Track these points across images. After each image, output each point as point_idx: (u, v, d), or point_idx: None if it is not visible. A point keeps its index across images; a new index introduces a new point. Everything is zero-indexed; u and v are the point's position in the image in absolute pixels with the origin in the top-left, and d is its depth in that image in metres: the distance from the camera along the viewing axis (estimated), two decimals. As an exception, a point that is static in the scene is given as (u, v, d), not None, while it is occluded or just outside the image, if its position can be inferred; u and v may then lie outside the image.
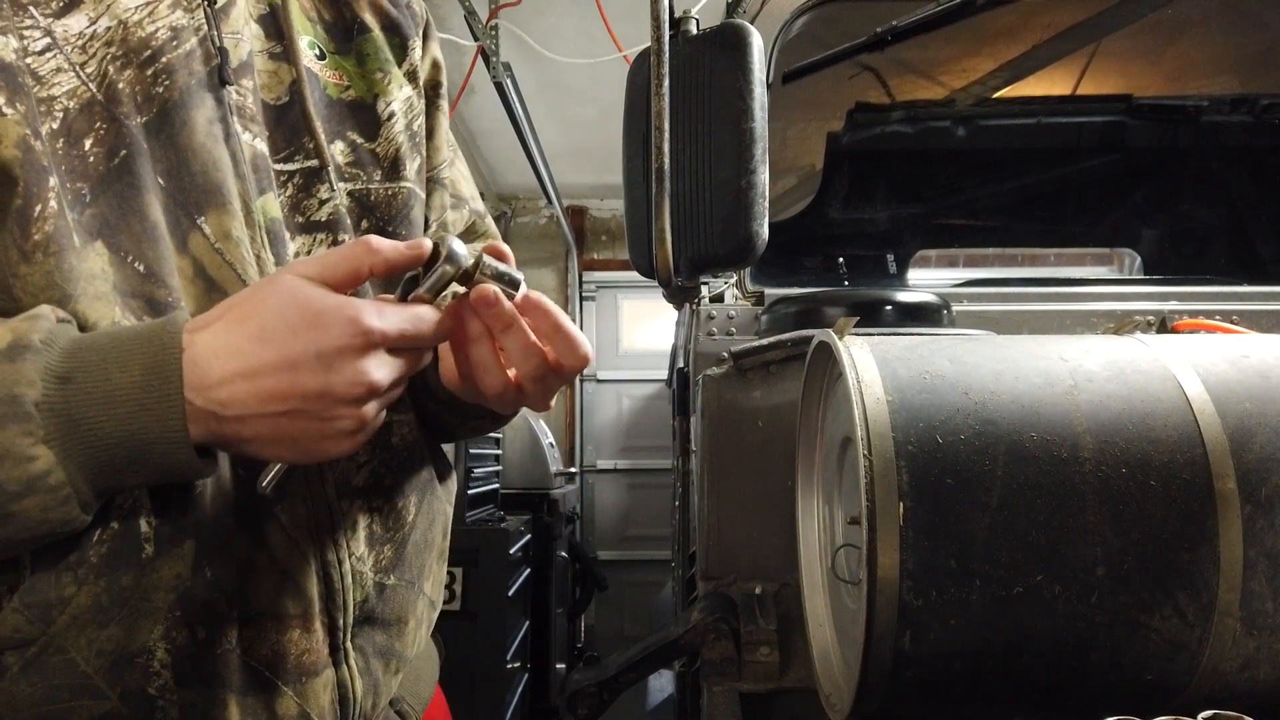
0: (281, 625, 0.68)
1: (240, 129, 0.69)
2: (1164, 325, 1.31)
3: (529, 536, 3.40)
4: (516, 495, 3.60)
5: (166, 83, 0.65)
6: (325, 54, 0.80)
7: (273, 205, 0.71)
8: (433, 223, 0.92)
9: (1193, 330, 1.23)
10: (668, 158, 1.10)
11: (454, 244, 0.62)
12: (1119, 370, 0.86)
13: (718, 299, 1.62)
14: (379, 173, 0.81)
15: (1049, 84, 1.86)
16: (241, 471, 0.66)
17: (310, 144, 0.75)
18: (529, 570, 3.40)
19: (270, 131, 0.73)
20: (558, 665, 3.74)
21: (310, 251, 0.74)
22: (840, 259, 1.84)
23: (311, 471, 0.71)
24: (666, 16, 1.10)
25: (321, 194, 0.76)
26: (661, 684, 3.11)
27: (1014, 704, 0.84)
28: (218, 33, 0.69)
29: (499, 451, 3.50)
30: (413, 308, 0.61)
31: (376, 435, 0.72)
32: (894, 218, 1.97)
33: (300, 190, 0.75)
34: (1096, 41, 1.80)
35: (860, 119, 1.90)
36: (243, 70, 0.70)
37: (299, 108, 0.75)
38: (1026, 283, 1.81)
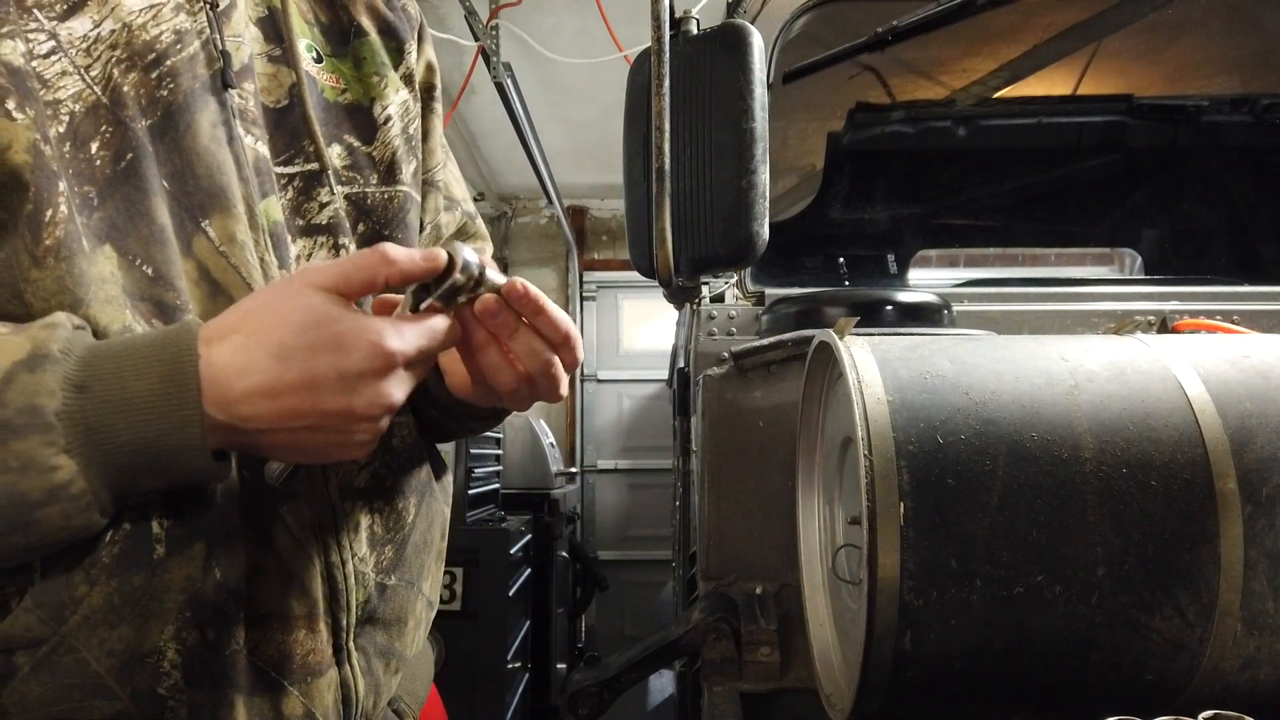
0: (287, 626, 0.68)
1: (242, 132, 0.69)
2: (1164, 325, 1.31)
3: (529, 536, 3.40)
4: (517, 495, 3.60)
5: (171, 86, 0.65)
6: (322, 57, 0.80)
7: (275, 208, 0.71)
8: (427, 225, 0.92)
9: (1193, 330, 1.23)
10: (668, 158, 1.10)
11: (466, 253, 0.62)
12: (1120, 370, 0.86)
13: (718, 299, 1.62)
14: (375, 176, 0.81)
15: (1049, 84, 1.86)
16: (247, 474, 0.67)
17: (310, 147, 0.75)
18: (530, 570, 3.40)
19: (270, 134, 0.73)
20: (558, 665, 3.74)
21: (311, 255, 0.75)
22: (841, 259, 1.84)
23: (315, 473, 0.71)
24: (667, 16, 1.10)
25: (322, 197, 0.76)
26: (662, 684, 3.11)
27: (1014, 704, 0.84)
28: (220, 36, 0.69)
29: (499, 452, 3.50)
30: (428, 321, 0.62)
31: None
32: (894, 218, 1.97)
33: (300, 193, 0.75)
34: (1097, 41, 1.80)
35: (861, 119, 1.90)
36: (244, 73, 0.71)
37: (299, 111, 0.75)
38: (1027, 283, 1.81)
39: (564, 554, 3.89)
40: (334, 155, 0.78)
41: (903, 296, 1.37)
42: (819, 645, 1.07)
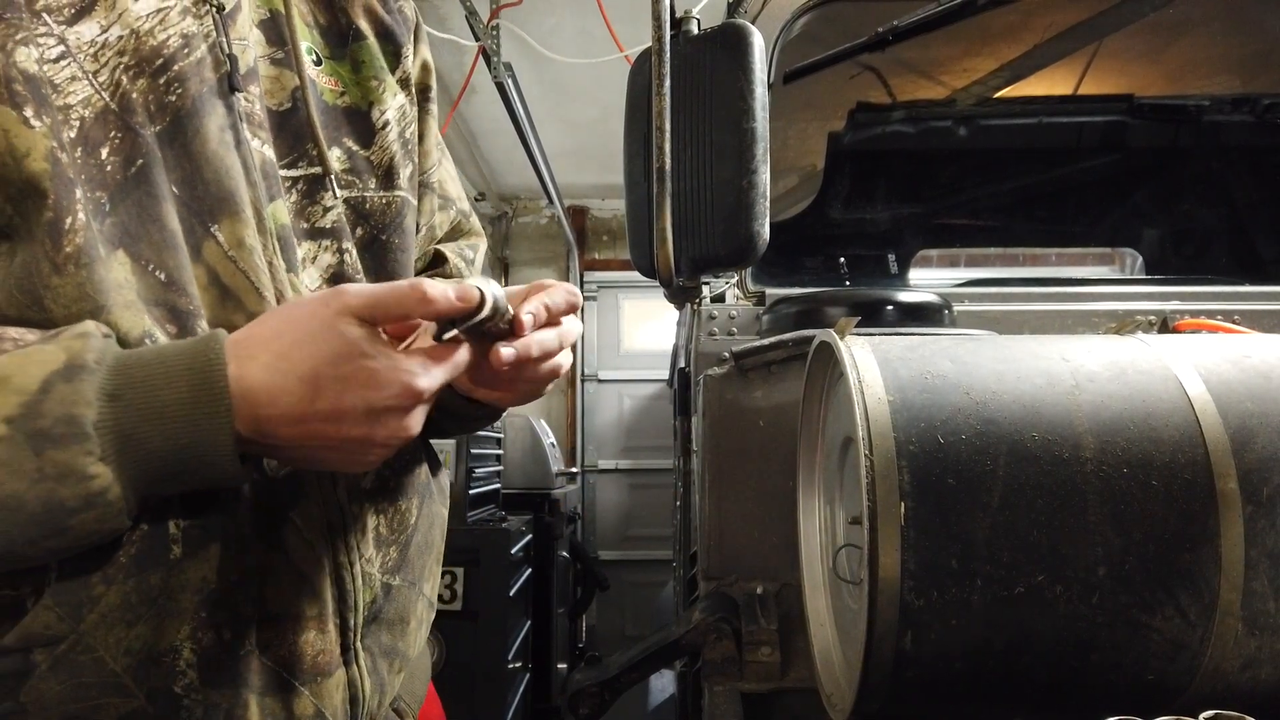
0: (298, 626, 0.69)
1: (249, 136, 0.70)
2: (1165, 325, 1.31)
3: (530, 536, 3.40)
4: (518, 495, 3.60)
5: (179, 91, 0.65)
6: (321, 60, 0.80)
7: (282, 212, 0.72)
8: (422, 226, 0.93)
9: (1194, 330, 1.23)
10: (669, 158, 1.10)
11: (496, 292, 0.65)
12: (1120, 370, 0.86)
13: (719, 299, 1.62)
14: (374, 181, 0.82)
15: (1050, 84, 1.86)
16: (258, 476, 0.67)
17: (313, 151, 0.75)
18: (530, 570, 3.40)
19: (273, 138, 0.73)
20: (559, 665, 3.74)
21: (316, 258, 0.75)
22: (841, 259, 1.84)
23: (324, 476, 0.72)
24: (668, 16, 1.10)
25: (325, 201, 0.76)
26: (663, 684, 3.11)
27: (1015, 704, 0.84)
28: (226, 39, 0.69)
29: (500, 452, 3.50)
30: (453, 357, 0.63)
31: None
32: (895, 217, 1.97)
33: (304, 196, 0.75)
34: (1098, 41, 1.80)
35: (861, 119, 1.90)
36: (250, 76, 0.71)
37: (303, 114, 0.75)
38: (1028, 282, 1.81)
39: (565, 554, 3.89)
40: (334, 158, 0.78)
41: (903, 296, 1.37)
42: (820, 645, 1.07)
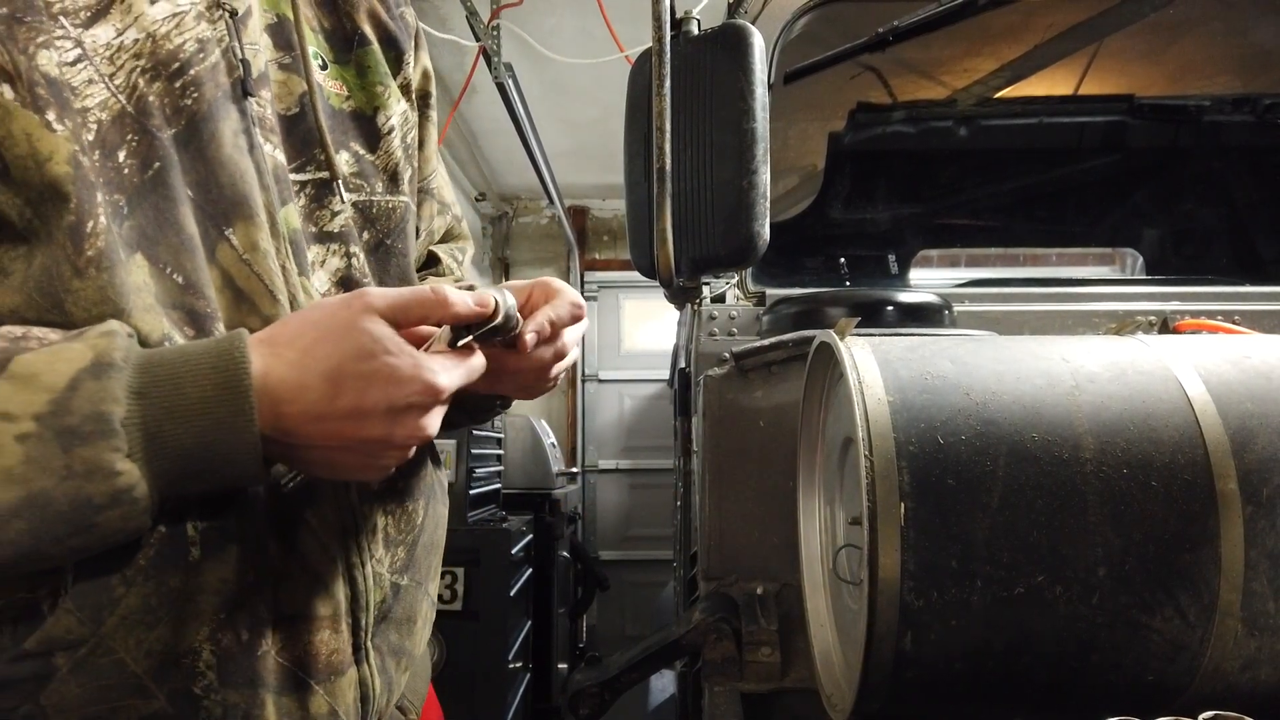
0: (313, 626, 0.70)
1: (262, 140, 0.70)
2: (1165, 325, 1.31)
3: (531, 536, 3.40)
4: (518, 495, 3.60)
5: (195, 95, 0.65)
6: (327, 64, 0.81)
7: (294, 216, 0.72)
8: (422, 231, 0.94)
9: (1194, 330, 1.23)
10: (669, 158, 1.10)
11: (509, 301, 0.68)
12: (1120, 371, 0.86)
13: (719, 299, 1.62)
14: (380, 184, 0.83)
15: (1050, 84, 1.86)
16: (271, 478, 0.68)
17: (321, 155, 0.76)
18: (531, 570, 3.40)
19: (283, 142, 0.74)
20: (559, 665, 3.74)
21: (325, 262, 0.76)
22: (842, 259, 1.84)
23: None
24: (668, 17, 1.10)
25: (334, 205, 0.77)
26: (663, 684, 3.11)
27: (1015, 704, 0.84)
28: (239, 44, 0.69)
29: (501, 452, 3.50)
30: (470, 361, 0.66)
31: None
32: (895, 218, 1.97)
33: (313, 200, 0.76)
34: (1098, 41, 1.80)
35: (862, 119, 1.90)
36: (261, 81, 0.71)
37: (311, 119, 0.75)
38: (1028, 283, 1.81)
39: (565, 554, 3.89)
40: (342, 162, 0.79)
41: (904, 297, 1.36)
42: (820, 645, 1.07)
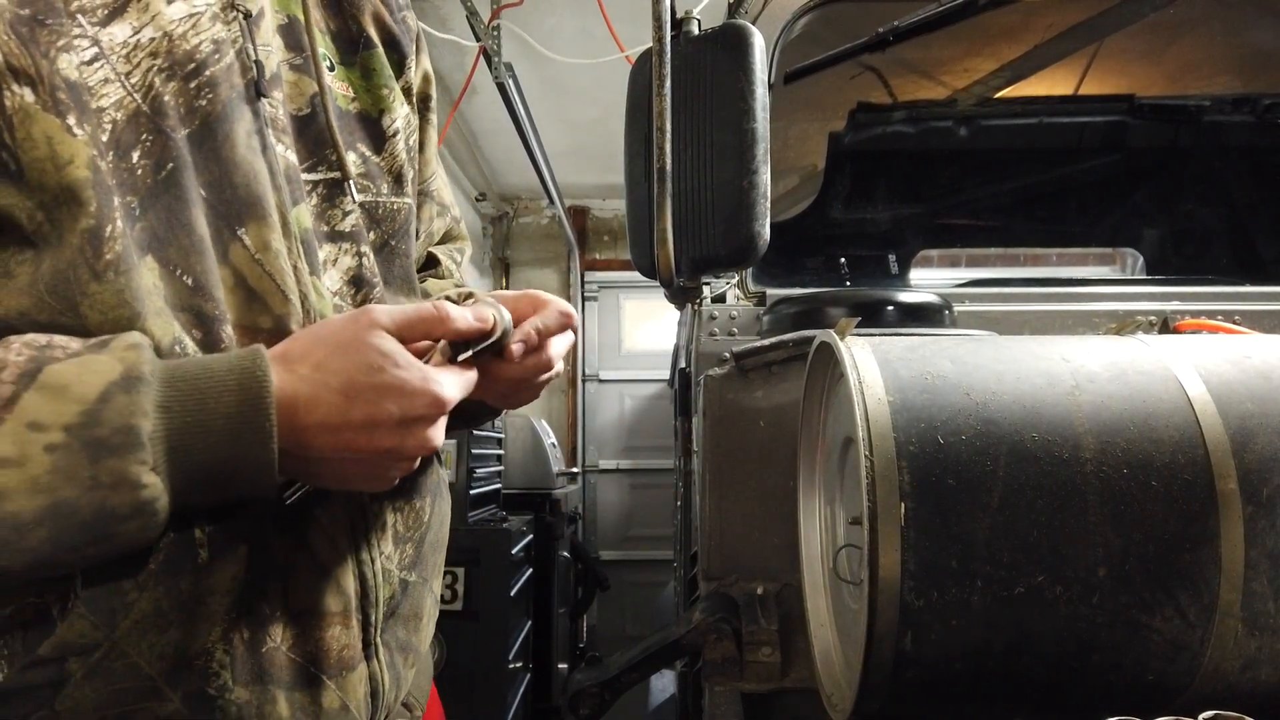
0: (323, 622, 0.70)
1: (274, 140, 0.70)
2: (1166, 325, 1.31)
3: (531, 536, 3.40)
4: (519, 495, 3.60)
5: (210, 96, 0.65)
6: (334, 65, 0.81)
7: (306, 216, 0.73)
8: (422, 233, 0.95)
9: (1195, 330, 1.23)
10: (669, 158, 1.10)
11: (507, 316, 0.70)
12: (1120, 371, 0.86)
13: (719, 299, 1.62)
14: (385, 186, 0.83)
15: (1051, 84, 1.86)
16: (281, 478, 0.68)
17: (332, 155, 0.76)
18: (531, 570, 3.40)
19: (294, 142, 0.75)
20: (560, 665, 3.74)
21: (336, 261, 0.77)
22: (842, 259, 1.84)
23: None
24: (668, 17, 1.10)
25: (345, 205, 0.77)
26: (663, 684, 3.11)
27: (1015, 704, 0.84)
28: (253, 45, 0.70)
29: (501, 452, 3.50)
30: (468, 374, 0.68)
31: None
32: (896, 218, 1.97)
33: (324, 200, 0.76)
34: (1098, 41, 1.80)
35: (862, 119, 1.90)
36: (274, 82, 0.72)
37: (322, 119, 0.76)
38: (1028, 283, 1.81)
39: (565, 554, 3.89)
40: (350, 163, 0.80)
41: (904, 297, 1.36)
42: (820, 645, 1.07)
